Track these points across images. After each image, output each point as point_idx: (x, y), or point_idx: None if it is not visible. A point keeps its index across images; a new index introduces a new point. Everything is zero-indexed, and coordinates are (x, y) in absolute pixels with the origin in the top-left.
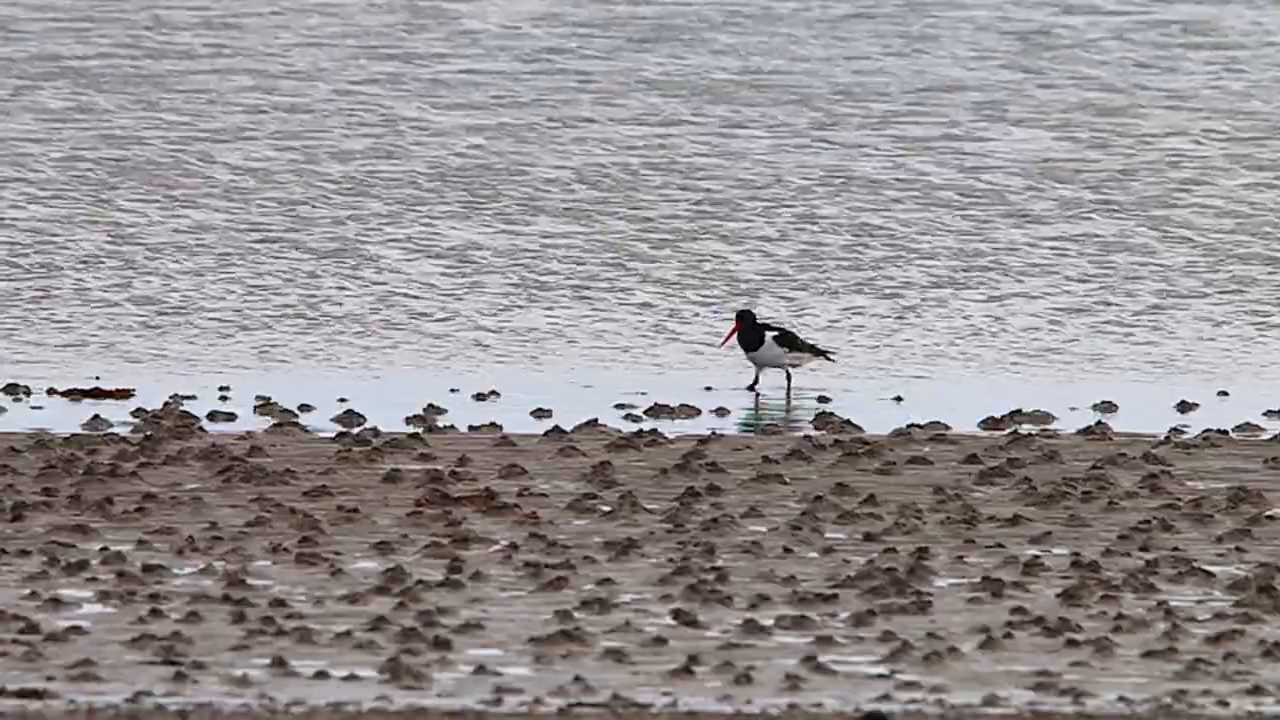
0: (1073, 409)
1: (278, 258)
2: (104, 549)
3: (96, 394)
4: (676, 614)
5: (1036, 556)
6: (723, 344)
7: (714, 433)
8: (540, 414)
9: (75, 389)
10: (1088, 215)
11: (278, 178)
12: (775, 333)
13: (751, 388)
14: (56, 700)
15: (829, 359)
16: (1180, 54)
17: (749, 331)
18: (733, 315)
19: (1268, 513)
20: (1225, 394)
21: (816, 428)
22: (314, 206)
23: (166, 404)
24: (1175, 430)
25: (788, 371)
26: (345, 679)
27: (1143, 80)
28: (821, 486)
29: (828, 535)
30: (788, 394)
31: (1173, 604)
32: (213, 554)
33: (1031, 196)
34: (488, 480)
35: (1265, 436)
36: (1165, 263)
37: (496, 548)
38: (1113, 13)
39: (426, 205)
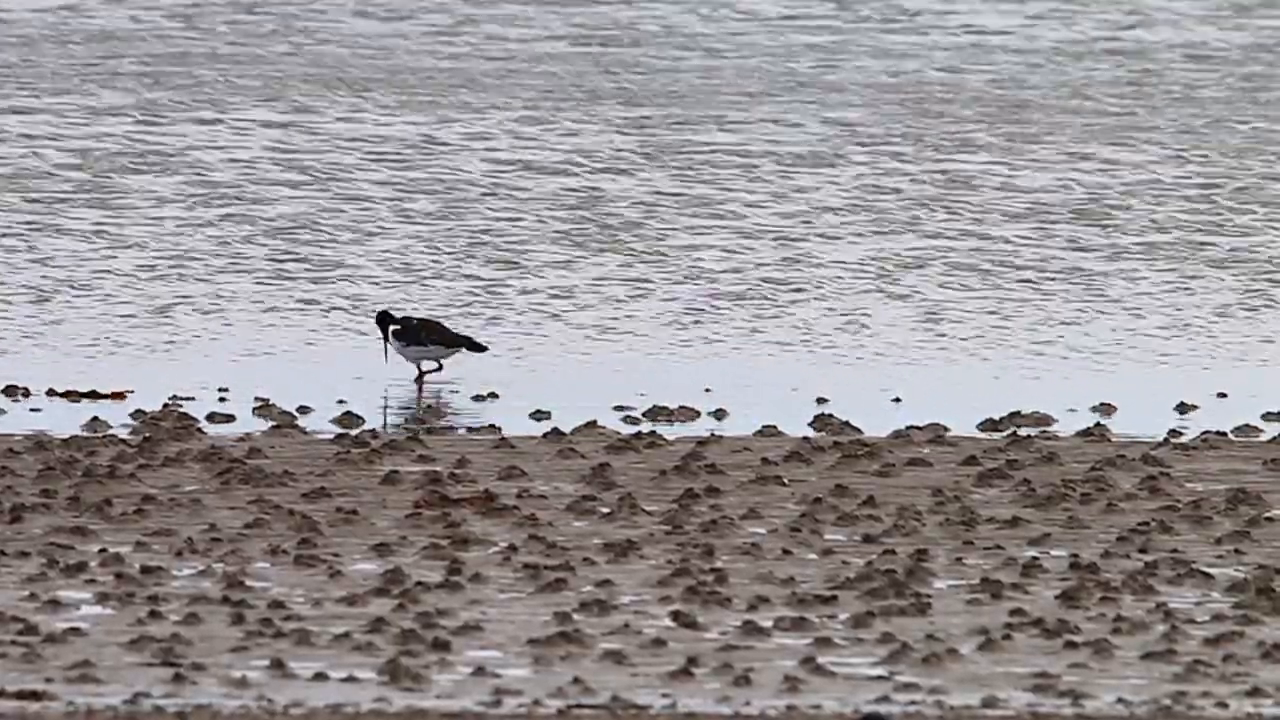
0: (1071, 410)
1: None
2: (103, 550)
3: (94, 395)
4: (675, 615)
5: (1035, 558)
6: (387, 358)
7: (713, 434)
8: (539, 415)
9: (73, 390)
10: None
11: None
12: (395, 327)
13: (417, 380)
14: (55, 701)
15: (474, 348)
16: None
17: (381, 330)
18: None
19: (1267, 515)
20: (1224, 395)
21: (816, 429)
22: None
23: (165, 405)
24: (1174, 432)
25: (419, 366)
26: (344, 680)
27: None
28: (821, 488)
29: (827, 537)
30: (418, 387)
31: (1172, 606)
32: (211, 555)
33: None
34: (487, 482)
35: (1264, 438)
36: (1163, 261)
37: (495, 549)
38: None
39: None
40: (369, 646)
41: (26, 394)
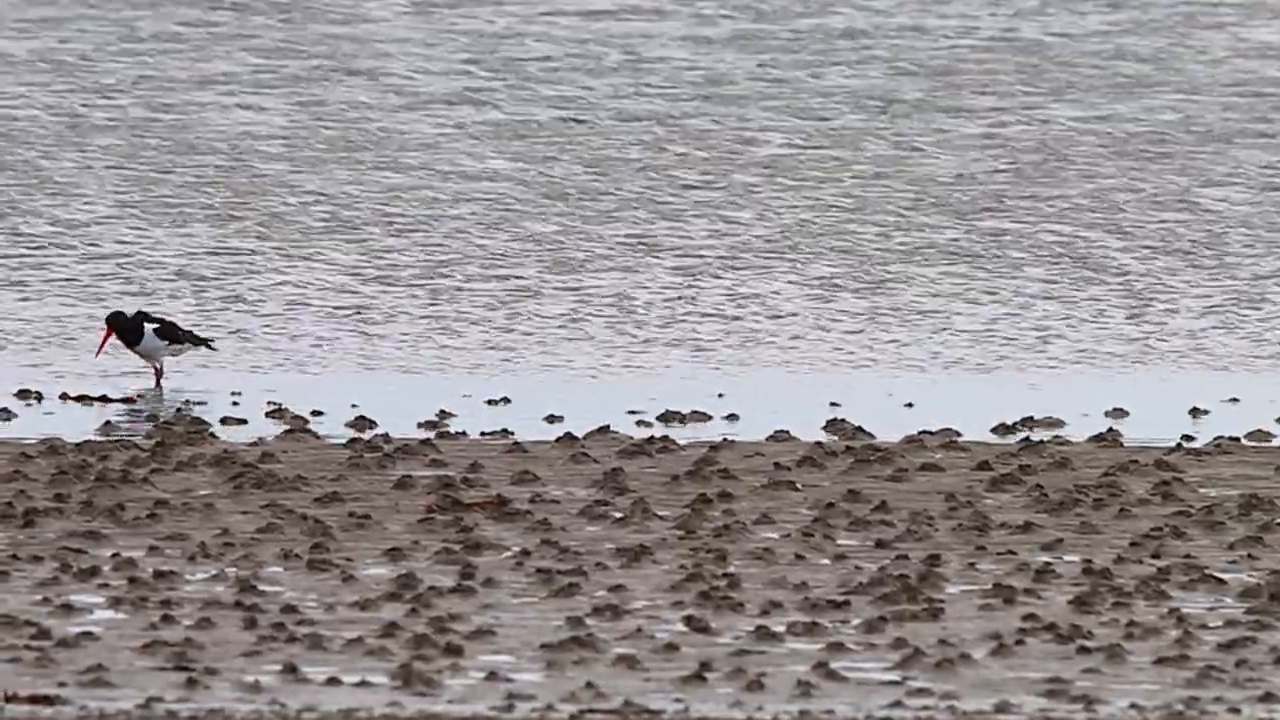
0: (1084, 415)
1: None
2: (116, 555)
3: (105, 399)
4: (688, 620)
5: (1048, 563)
6: (98, 353)
7: (725, 439)
8: (552, 420)
9: (85, 395)
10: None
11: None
12: (155, 325)
13: (157, 382)
14: (68, 706)
15: (210, 347)
16: None
17: (128, 328)
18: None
19: (1279, 520)
20: (1236, 400)
21: (829, 434)
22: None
23: (178, 410)
24: (1186, 437)
25: (159, 363)
26: (357, 685)
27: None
28: (833, 493)
29: (839, 542)
30: (158, 383)
31: (1184, 611)
32: (224, 560)
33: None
34: (499, 486)
35: (1277, 443)
36: (1169, 265)
37: (508, 554)
38: None
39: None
40: (381, 651)
41: (40, 398)
